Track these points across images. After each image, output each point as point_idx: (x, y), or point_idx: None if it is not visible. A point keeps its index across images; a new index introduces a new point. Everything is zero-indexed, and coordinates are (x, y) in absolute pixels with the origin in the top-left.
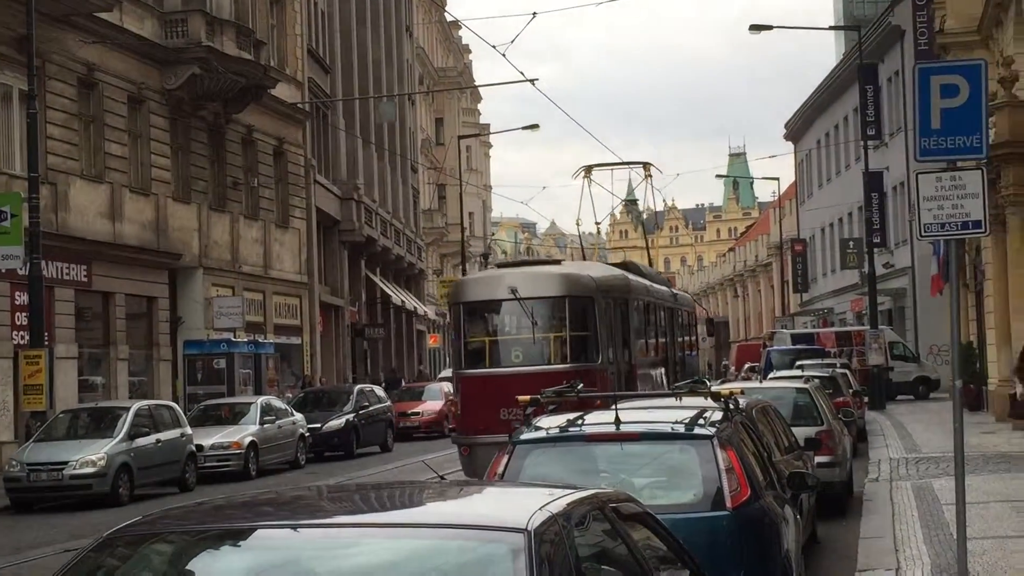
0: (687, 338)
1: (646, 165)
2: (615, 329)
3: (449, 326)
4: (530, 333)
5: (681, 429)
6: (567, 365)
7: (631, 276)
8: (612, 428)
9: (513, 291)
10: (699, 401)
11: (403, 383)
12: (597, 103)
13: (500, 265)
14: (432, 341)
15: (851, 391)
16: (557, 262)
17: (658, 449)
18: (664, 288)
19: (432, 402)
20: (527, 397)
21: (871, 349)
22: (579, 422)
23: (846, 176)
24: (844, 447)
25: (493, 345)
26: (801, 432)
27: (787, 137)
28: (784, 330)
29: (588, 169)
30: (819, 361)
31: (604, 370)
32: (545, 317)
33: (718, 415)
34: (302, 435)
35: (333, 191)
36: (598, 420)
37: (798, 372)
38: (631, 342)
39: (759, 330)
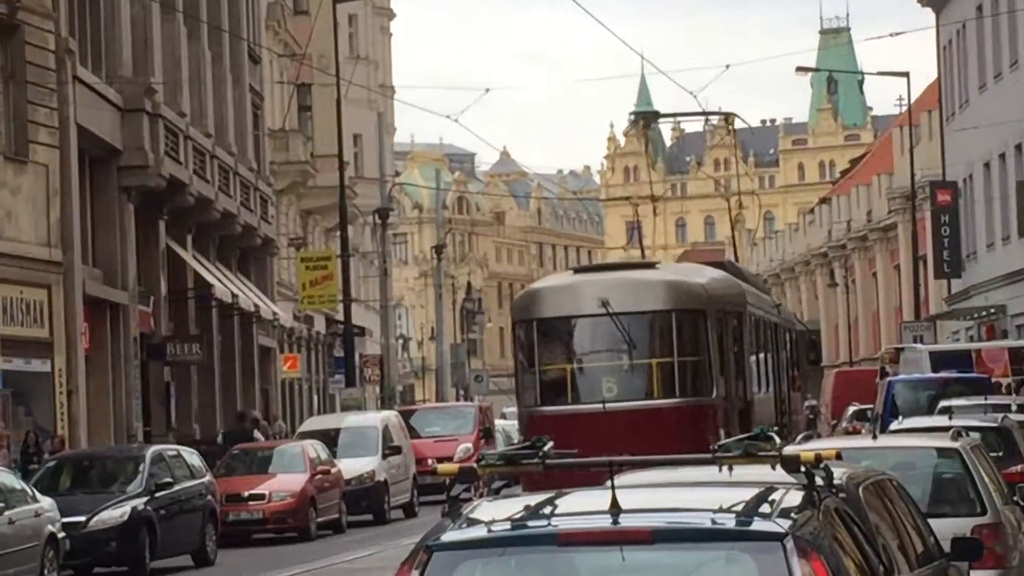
0: (793, 367)
1: (729, 117)
2: (729, 353)
3: (515, 350)
4: (627, 358)
5: (729, 523)
6: (676, 400)
7: (743, 283)
8: (607, 521)
9: (604, 304)
10: (761, 472)
11: (260, 436)
12: None
13: (578, 271)
14: (287, 366)
15: None
16: (652, 264)
17: (689, 559)
18: (767, 297)
19: (287, 476)
20: (452, 466)
21: None
22: (546, 511)
23: None
24: (1022, 552)
25: (578, 374)
26: (946, 527)
27: (924, 1)
28: (919, 345)
29: (644, 120)
30: (980, 401)
31: (718, 406)
32: (646, 337)
33: (795, 498)
34: (53, 536)
35: (108, 97)
36: (581, 506)
37: (942, 420)
38: (746, 370)
39: (873, 346)
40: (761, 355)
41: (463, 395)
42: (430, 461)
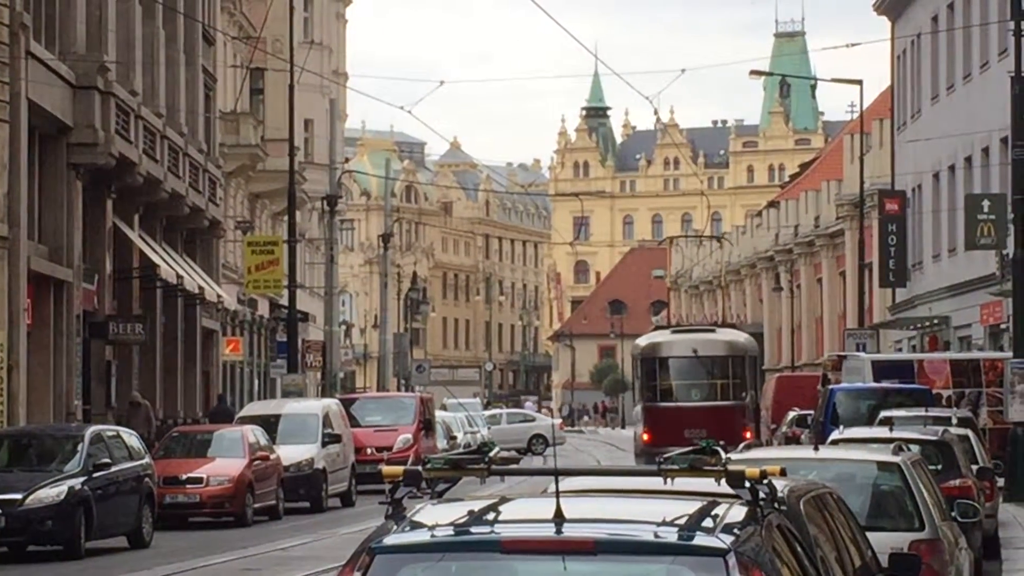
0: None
1: (721, 240)
2: (752, 378)
3: (635, 375)
4: (705, 379)
5: (671, 536)
6: (729, 402)
7: (753, 339)
8: (549, 530)
9: (695, 351)
10: (704, 484)
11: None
12: None
13: (675, 331)
14: (229, 349)
15: (975, 468)
16: (713, 329)
17: (630, 571)
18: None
19: (225, 460)
20: (397, 469)
21: (1013, 393)
22: (489, 516)
23: (980, 83)
24: (959, 569)
25: (679, 386)
26: (884, 541)
27: (879, 9)
28: (861, 354)
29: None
30: (921, 412)
31: (748, 407)
32: (715, 369)
33: (738, 513)
34: None
35: (61, 74)
36: (524, 514)
37: (882, 431)
38: (756, 386)
39: (816, 352)
40: (759, 377)
41: (404, 385)
42: (369, 450)
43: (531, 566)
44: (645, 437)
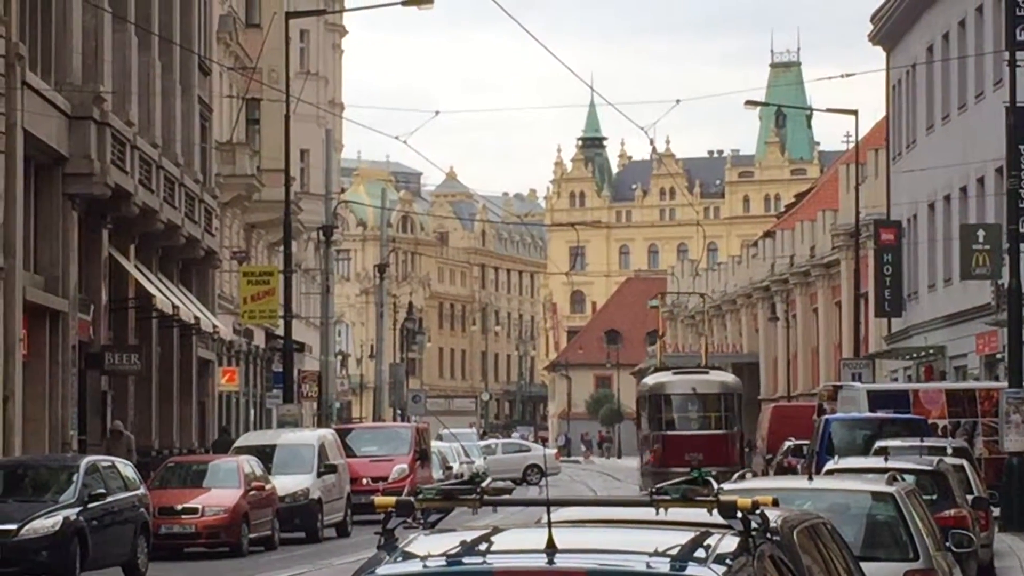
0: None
1: (704, 295)
2: (740, 411)
3: (642, 409)
4: (701, 412)
5: (663, 567)
6: (723, 430)
7: (738, 378)
8: (541, 560)
9: (694, 389)
10: (696, 515)
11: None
12: None
13: (676, 372)
14: (225, 379)
15: (970, 498)
16: (707, 371)
17: None
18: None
19: (221, 490)
20: (389, 500)
21: (1009, 424)
22: (481, 547)
23: (976, 113)
24: None
25: (680, 418)
26: (879, 571)
27: (874, 39)
28: (857, 384)
29: (662, 297)
30: (916, 443)
31: (737, 434)
32: (710, 403)
33: (731, 543)
34: None
35: (57, 104)
36: (516, 544)
37: (878, 461)
38: (742, 419)
39: (812, 381)
40: (742, 411)
41: (400, 414)
42: (365, 481)
43: None
44: (653, 459)
